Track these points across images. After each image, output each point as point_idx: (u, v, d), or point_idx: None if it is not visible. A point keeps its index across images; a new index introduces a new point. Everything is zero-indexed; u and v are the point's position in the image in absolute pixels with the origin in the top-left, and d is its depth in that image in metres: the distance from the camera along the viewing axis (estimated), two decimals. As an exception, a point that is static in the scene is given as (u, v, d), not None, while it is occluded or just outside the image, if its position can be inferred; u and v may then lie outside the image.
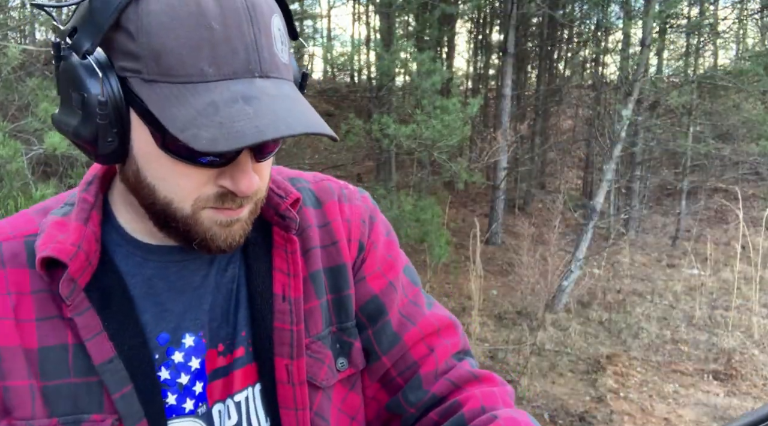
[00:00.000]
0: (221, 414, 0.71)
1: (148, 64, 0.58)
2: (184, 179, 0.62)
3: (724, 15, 12.08)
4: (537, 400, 4.60)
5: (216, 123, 0.56)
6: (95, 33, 0.60)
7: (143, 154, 0.63)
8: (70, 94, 0.62)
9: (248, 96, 0.59)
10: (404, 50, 7.22)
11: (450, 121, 5.82)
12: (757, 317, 6.36)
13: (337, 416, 0.78)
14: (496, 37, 14.27)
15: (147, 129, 0.61)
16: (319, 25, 16.58)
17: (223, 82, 0.58)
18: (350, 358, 0.78)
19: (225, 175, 0.63)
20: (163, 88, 0.58)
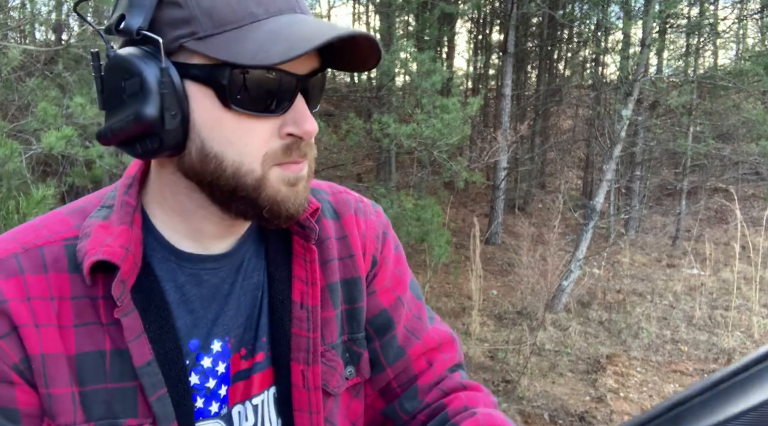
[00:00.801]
0: (240, 415, 0.74)
1: (202, 22, 0.62)
2: (250, 136, 0.65)
3: (724, 15, 12.09)
4: (537, 400, 4.60)
5: (283, 39, 0.61)
6: (143, 11, 0.63)
7: (206, 122, 0.65)
8: (122, 86, 0.63)
9: (298, 21, 0.64)
10: (404, 50, 7.22)
11: (450, 120, 5.82)
12: (757, 317, 6.36)
13: (342, 422, 0.81)
14: (496, 37, 14.28)
15: (208, 93, 0.64)
16: (319, 25, 16.60)
17: (272, 18, 0.64)
18: (358, 367, 0.81)
19: (287, 123, 0.66)
20: (221, 38, 0.62)
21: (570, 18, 12.02)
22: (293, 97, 0.66)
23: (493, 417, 0.78)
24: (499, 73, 12.92)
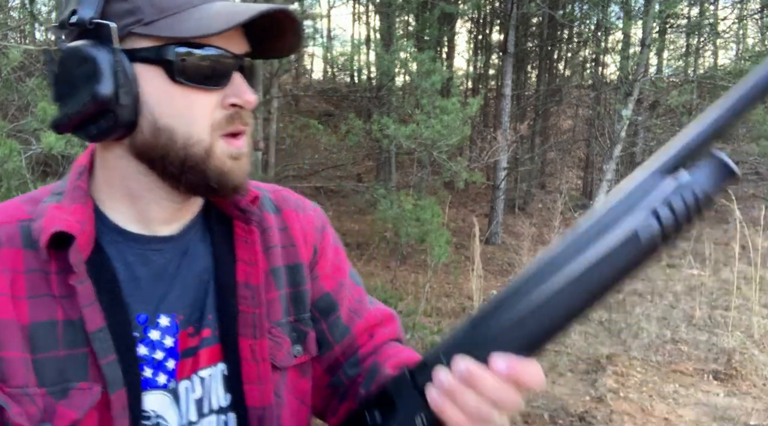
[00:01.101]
0: (187, 390, 0.78)
1: (145, 10, 0.70)
2: (197, 108, 0.72)
3: (724, 15, 12.10)
4: (537, 400, 4.60)
5: (220, 16, 0.70)
6: (93, 5, 0.70)
7: (157, 99, 0.71)
8: (76, 74, 0.70)
9: (232, 4, 0.73)
10: (404, 50, 7.22)
11: (450, 121, 5.82)
12: (757, 317, 6.36)
13: (291, 400, 0.85)
14: (496, 37, 14.28)
15: (157, 71, 0.71)
16: (319, 25, 16.59)
17: (208, 3, 0.72)
18: (305, 345, 0.87)
19: (229, 95, 0.73)
20: (164, 21, 0.70)
21: (570, 18, 12.03)
22: (232, 72, 0.74)
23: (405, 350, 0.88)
24: (499, 73, 12.92)
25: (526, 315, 0.61)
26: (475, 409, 0.62)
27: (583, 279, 0.59)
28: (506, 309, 0.62)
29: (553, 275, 0.60)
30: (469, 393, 0.62)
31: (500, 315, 0.62)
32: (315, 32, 15.82)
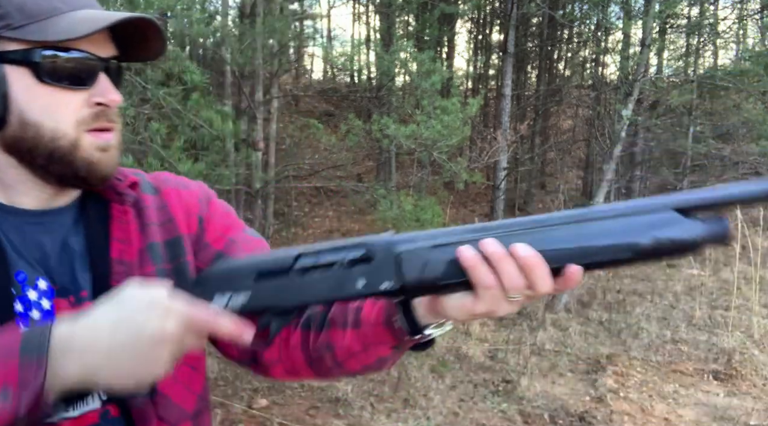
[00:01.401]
0: None
1: (14, 15, 0.76)
2: (63, 106, 0.78)
3: (724, 15, 12.09)
4: (537, 400, 4.60)
5: (86, 21, 0.76)
6: None
7: (24, 97, 0.77)
8: None
9: (98, 11, 0.79)
10: (404, 50, 7.22)
11: (450, 121, 5.81)
12: (757, 317, 6.35)
13: (178, 367, 0.84)
14: (496, 37, 14.27)
15: (25, 72, 0.76)
16: (319, 25, 16.59)
17: (74, 11, 0.78)
18: None
19: (94, 94, 0.80)
20: (32, 26, 0.76)
21: (570, 18, 12.03)
22: (97, 73, 0.80)
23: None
24: (499, 73, 12.91)
25: (566, 237, 0.70)
26: (509, 273, 0.68)
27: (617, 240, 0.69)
28: (525, 234, 0.70)
29: (600, 222, 0.70)
30: (509, 261, 0.69)
31: (536, 229, 0.71)
32: (315, 32, 15.83)
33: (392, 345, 0.84)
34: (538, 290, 0.69)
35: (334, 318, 0.89)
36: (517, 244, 0.69)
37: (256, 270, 0.76)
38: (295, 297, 0.75)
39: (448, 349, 5.40)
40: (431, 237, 0.74)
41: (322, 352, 0.89)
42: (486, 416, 4.34)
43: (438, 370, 4.94)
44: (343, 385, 4.58)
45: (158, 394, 0.85)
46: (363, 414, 4.26)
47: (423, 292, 0.75)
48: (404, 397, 4.52)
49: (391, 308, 0.81)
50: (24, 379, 0.62)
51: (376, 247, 0.74)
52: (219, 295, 0.76)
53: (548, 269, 0.69)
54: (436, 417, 4.28)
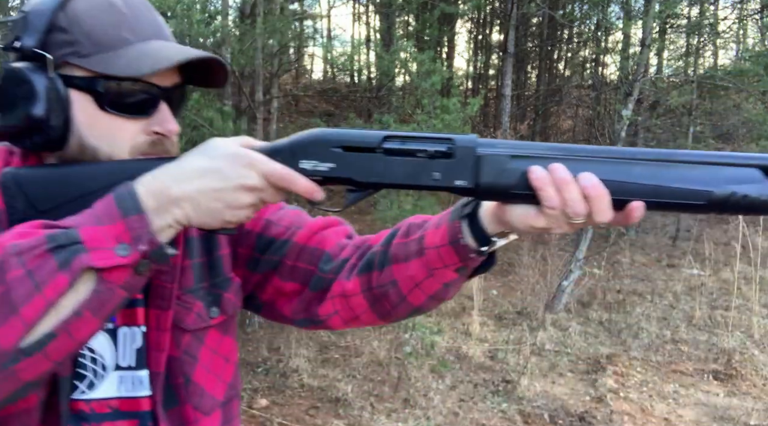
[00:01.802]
0: (126, 336, 0.87)
1: (83, 43, 0.80)
2: (121, 132, 0.82)
3: (724, 15, 12.08)
4: (537, 400, 4.60)
5: (150, 57, 0.79)
6: (35, 34, 0.79)
7: (85, 122, 0.81)
8: (16, 92, 0.79)
9: (164, 45, 0.83)
10: (404, 50, 7.22)
11: (450, 121, 5.81)
12: (757, 317, 6.35)
13: (211, 357, 0.94)
14: (496, 37, 14.27)
15: (88, 99, 0.80)
16: (319, 25, 16.57)
17: (142, 43, 0.81)
18: (221, 306, 0.95)
19: (153, 123, 0.84)
20: (99, 56, 0.80)
21: (570, 18, 12.02)
22: (158, 104, 0.84)
23: (416, 216, 0.95)
24: (499, 73, 12.91)
25: (642, 175, 0.73)
26: (572, 200, 0.72)
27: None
28: (606, 163, 0.73)
29: (681, 169, 0.73)
30: (574, 188, 0.72)
31: (603, 161, 0.74)
32: (315, 32, 15.82)
33: (457, 266, 0.86)
34: (597, 219, 0.73)
35: (395, 253, 0.91)
36: (585, 173, 0.73)
37: (343, 143, 0.79)
38: (374, 175, 0.79)
39: (448, 349, 5.40)
40: (512, 147, 0.77)
41: (387, 288, 0.92)
42: (486, 416, 4.34)
43: (438, 370, 4.94)
44: (343, 385, 4.59)
45: (192, 384, 0.90)
46: (363, 414, 4.26)
47: (493, 196, 0.79)
48: (404, 397, 4.53)
49: (455, 228, 0.85)
50: (135, 234, 0.69)
51: (460, 145, 0.77)
52: (305, 161, 0.79)
53: (609, 201, 0.73)
54: (436, 417, 4.28)
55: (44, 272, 0.65)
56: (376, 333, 5.36)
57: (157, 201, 0.72)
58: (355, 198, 0.82)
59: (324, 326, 1.00)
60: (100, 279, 0.68)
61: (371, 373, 4.86)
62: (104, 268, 0.68)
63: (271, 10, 6.57)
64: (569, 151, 0.75)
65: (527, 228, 0.78)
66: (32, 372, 0.67)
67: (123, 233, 0.69)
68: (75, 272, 0.66)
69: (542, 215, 0.75)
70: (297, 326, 1.05)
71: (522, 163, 0.75)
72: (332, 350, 5.22)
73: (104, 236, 0.68)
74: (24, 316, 0.64)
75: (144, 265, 0.70)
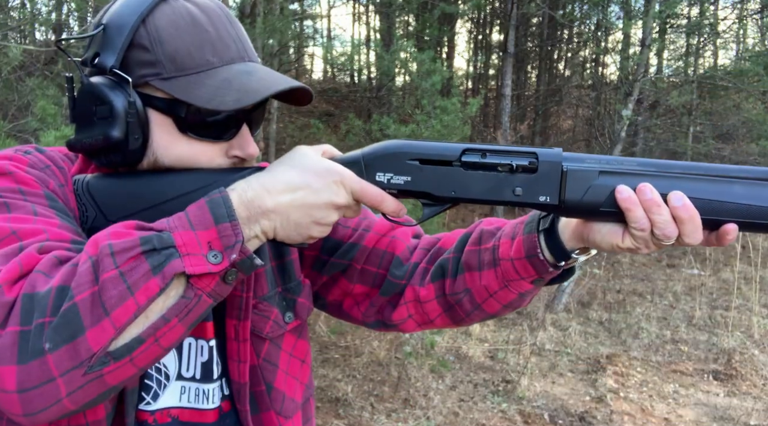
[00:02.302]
0: (191, 347, 0.86)
1: (166, 65, 0.77)
2: (199, 156, 0.80)
3: (724, 15, 12.08)
4: (537, 400, 4.60)
5: (234, 89, 0.76)
6: (116, 52, 0.76)
7: (163, 144, 0.79)
8: (94, 109, 0.76)
9: (248, 71, 0.79)
10: (404, 50, 7.22)
11: (450, 121, 5.81)
12: (757, 317, 6.35)
13: (288, 360, 0.94)
14: (496, 37, 14.27)
15: (168, 121, 0.78)
16: (319, 25, 16.57)
17: (226, 66, 0.79)
18: (295, 311, 0.95)
19: (233, 147, 0.82)
20: (181, 80, 0.77)
21: (570, 18, 12.02)
22: (240, 127, 0.82)
23: (492, 219, 0.94)
24: (499, 73, 12.90)
25: (731, 196, 0.70)
26: (662, 222, 0.70)
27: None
28: (701, 180, 0.71)
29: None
30: (663, 210, 0.70)
31: (698, 180, 0.71)
32: (315, 32, 15.82)
33: (533, 278, 0.85)
34: (687, 241, 0.71)
35: (468, 261, 0.90)
36: (676, 193, 0.70)
37: (420, 155, 0.77)
38: (452, 189, 0.77)
39: (448, 349, 5.40)
40: (601, 162, 0.73)
41: (460, 296, 0.91)
42: (486, 416, 4.34)
43: (438, 370, 4.94)
44: (343, 385, 4.58)
45: (274, 390, 0.90)
46: (363, 414, 4.26)
47: (578, 214, 0.76)
48: (404, 397, 4.52)
49: (532, 242, 0.83)
50: (227, 242, 0.68)
51: (544, 160, 0.74)
52: (380, 173, 0.78)
53: (700, 223, 0.70)
54: (436, 417, 4.28)
55: (137, 275, 0.64)
56: (376, 333, 5.36)
57: (248, 210, 0.71)
58: (432, 212, 0.80)
59: (397, 329, 1.00)
60: (190, 285, 0.66)
61: (371, 373, 4.86)
62: (195, 275, 0.66)
63: (271, 9, 6.57)
64: (663, 167, 0.72)
65: (611, 248, 0.75)
66: (118, 376, 0.65)
67: (215, 240, 0.67)
68: (167, 277, 0.65)
69: (628, 236, 0.72)
70: (368, 328, 1.04)
71: (610, 180, 0.71)
72: (332, 350, 5.21)
73: (197, 242, 0.67)
74: (115, 318, 0.62)
75: (232, 274, 0.69)
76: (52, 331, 0.60)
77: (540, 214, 0.84)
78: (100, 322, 0.62)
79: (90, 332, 0.61)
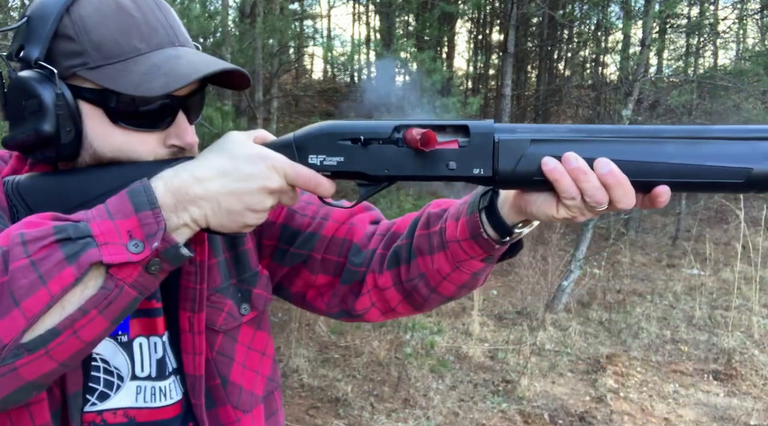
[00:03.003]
0: (142, 346, 0.85)
1: (91, 54, 0.75)
2: (138, 146, 0.78)
3: (724, 15, 12.08)
4: (537, 400, 4.60)
5: (162, 74, 0.74)
6: (40, 43, 0.75)
7: (98, 135, 0.77)
8: (24, 104, 0.75)
9: (177, 55, 0.77)
10: (404, 50, 7.22)
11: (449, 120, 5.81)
12: (757, 317, 6.35)
13: (246, 353, 0.92)
14: (496, 37, 14.27)
15: (99, 112, 0.76)
16: (319, 25, 16.57)
17: (154, 52, 0.76)
18: (251, 302, 0.93)
19: (170, 135, 0.80)
20: (109, 68, 0.74)
21: (570, 18, 12.02)
22: (174, 115, 0.80)
23: (441, 201, 0.94)
24: (499, 73, 12.90)
25: (656, 154, 0.68)
26: (591, 189, 0.69)
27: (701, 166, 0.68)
28: (633, 143, 0.69)
29: (688, 145, 0.70)
30: (591, 177, 0.69)
31: (621, 141, 0.70)
32: (315, 32, 15.81)
33: (482, 257, 0.85)
34: (620, 206, 0.70)
35: (419, 246, 0.90)
36: (601, 159, 0.69)
37: (352, 135, 0.75)
38: (385, 167, 0.75)
39: (448, 349, 5.40)
40: (532, 130, 0.72)
41: (416, 282, 0.91)
42: (486, 416, 4.34)
43: (438, 370, 4.94)
44: (343, 385, 4.58)
45: (229, 384, 0.88)
46: (363, 414, 4.26)
47: (512, 185, 0.75)
48: (404, 397, 4.52)
49: (474, 221, 0.82)
50: (148, 230, 0.65)
51: (476, 132, 0.72)
52: (313, 155, 0.76)
53: (630, 187, 0.69)
54: (436, 417, 4.28)
55: (50, 264, 0.61)
56: (376, 333, 5.36)
57: (175, 198, 0.68)
58: (368, 192, 0.79)
59: (361, 319, 0.99)
60: (109, 276, 0.64)
61: (371, 373, 4.86)
62: (113, 264, 0.64)
63: (271, 9, 6.57)
64: (593, 132, 0.71)
65: (548, 218, 0.75)
66: (34, 370, 0.63)
67: (135, 229, 0.65)
68: (83, 266, 0.62)
69: (562, 206, 0.72)
70: (333, 318, 1.03)
71: (542, 148, 0.70)
72: (332, 350, 5.21)
73: (116, 231, 0.64)
74: (25, 308, 0.60)
75: (155, 264, 0.66)
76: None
77: (480, 192, 0.84)
78: (9, 313, 0.60)
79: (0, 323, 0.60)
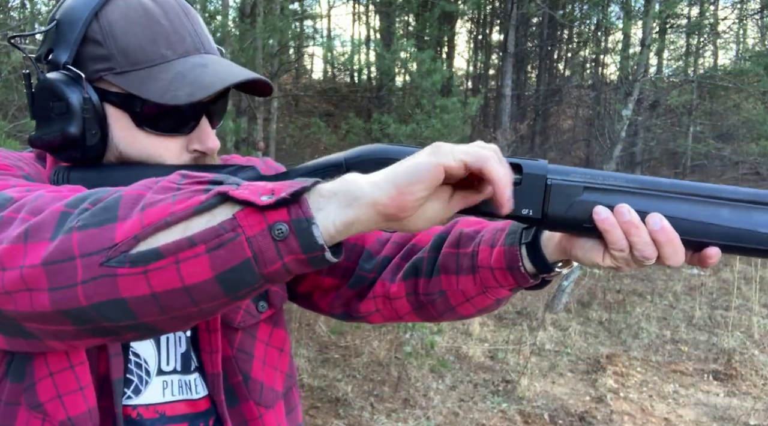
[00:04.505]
0: (168, 339, 0.86)
1: (118, 60, 0.76)
2: (162, 150, 0.80)
3: (724, 15, 12.09)
4: (537, 400, 4.60)
5: (187, 83, 0.75)
6: (69, 47, 0.77)
7: (123, 139, 0.79)
8: (51, 106, 0.77)
9: (203, 64, 0.78)
10: (404, 50, 7.23)
11: (450, 120, 5.81)
12: (757, 317, 6.35)
13: (265, 350, 0.92)
14: (496, 37, 14.28)
15: (124, 115, 0.78)
16: (319, 25, 16.58)
17: (180, 59, 0.77)
18: (268, 300, 0.93)
19: (193, 140, 0.81)
20: (135, 74, 0.76)
21: (570, 18, 12.03)
22: (198, 120, 0.81)
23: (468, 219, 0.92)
24: (499, 73, 12.91)
25: (708, 218, 0.69)
26: (640, 244, 0.69)
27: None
28: (688, 201, 0.70)
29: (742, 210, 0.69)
30: (642, 232, 0.68)
31: (680, 201, 0.70)
32: (315, 32, 15.82)
33: (512, 287, 0.85)
34: (668, 263, 0.71)
35: (445, 264, 0.89)
36: (654, 215, 0.69)
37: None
38: None
39: (448, 349, 5.40)
40: (586, 176, 0.71)
41: (435, 297, 0.90)
42: (486, 416, 4.34)
43: (438, 370, 4.94)
44: (343, 385, 4.58)
45: (251, 380, 0.89)
46: (363, 414, 4.26)
47: (561, 228, 0.74)
48: (404, 397, 4.52)
49: (514, 254, 0.82)
50: (290, 189, 0.59)
51: (529, 171, 0.71)
52: None
53: (680, 246, 0.70)
54: (436, 417, 4.28)
55: (188, 191, 0.60)
56: (376, 333, 5.36)
57: (327, 195, 0.63)
58: None
59: (363, 321, 0.99)
60: (232, 218, 0.58)
61: (371, 373, 4.86)
62: (237, 200, 0.58)
63: (271, 9, 6.57)
64: (648, 184, 0.70)
65: (593, 265, 0.75)
66: (129, 287, 0.59)
67: (278, 189, 0.59)
68: (210, 195, 0.59)
69: (608, 255, 0.72)
70: (334, 318, 1.03)
71: (595, 196, 0.70)
72: (332, 350, 5.21)
73: (257, 189, 0.60)
74: (146, 216, 0.59)
75: (281, 227, 0.58)
76: (89, 215, 0.61)
77: (522, 225, 0.83)
78: (131, 217, 0.59)
79: (119, 224, 0.60)
